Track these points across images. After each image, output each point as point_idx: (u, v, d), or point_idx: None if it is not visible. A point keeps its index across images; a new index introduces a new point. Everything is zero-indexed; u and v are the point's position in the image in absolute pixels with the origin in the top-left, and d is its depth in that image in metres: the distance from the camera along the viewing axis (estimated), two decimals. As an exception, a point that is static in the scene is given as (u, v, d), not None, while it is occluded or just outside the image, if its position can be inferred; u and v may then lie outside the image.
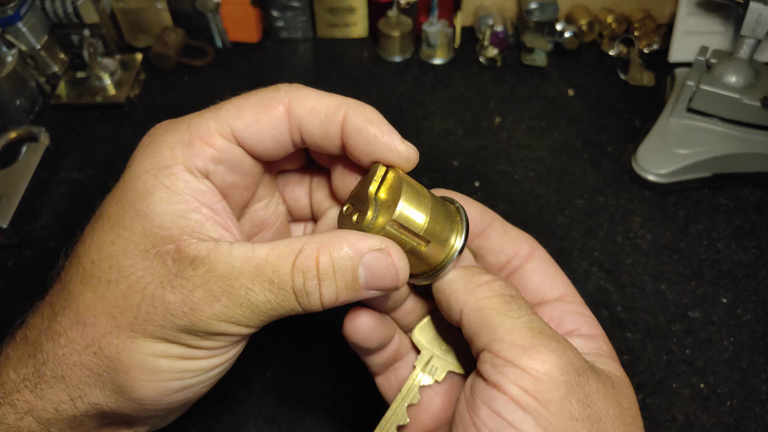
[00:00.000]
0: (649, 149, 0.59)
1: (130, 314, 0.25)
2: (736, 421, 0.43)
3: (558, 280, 0.33)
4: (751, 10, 0.57)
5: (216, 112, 0.27)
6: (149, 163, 0.26)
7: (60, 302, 0.26)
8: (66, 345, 0.25)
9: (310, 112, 0.27)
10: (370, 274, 0.26)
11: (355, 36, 0.76)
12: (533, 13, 0.68)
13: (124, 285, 0.25)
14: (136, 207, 0.25)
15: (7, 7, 0.63)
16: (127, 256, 0.25)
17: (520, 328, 0.26)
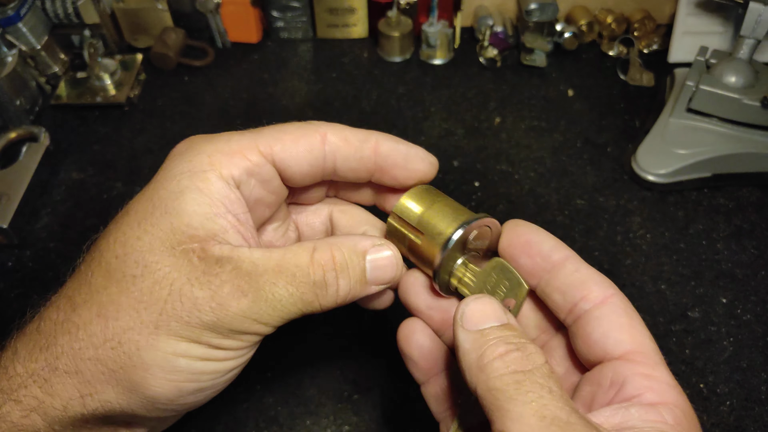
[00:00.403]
0: (649, 149, 0.59)
1: (156, 310, 0.25)
2: (736, 421, 0.43)
3: (628, 334, 0.27)
4: (751, 11, 0.57)
5: (257, 132, 0.29)
6: (185, 166, 0.27)
7: (80, 295, 0.26)
8: (84, 338, 0.25)
9: (344, 139, 0.29)
10: (374, 268, 0.28)
11: (355, 36, 0.76)
12: (533, 14, 0.68)
13: (150, 280, 0.25)
14: (167, 204, 0.26)
15: (7, 7, 0.63)
16: (153, 252, 0.25)
17: (528, 416, 0.22)
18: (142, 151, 0.62)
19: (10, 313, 0.49)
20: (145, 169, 0.60)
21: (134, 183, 0.59)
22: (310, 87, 0.70)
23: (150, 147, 0.63)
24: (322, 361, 0.46)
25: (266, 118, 0.65)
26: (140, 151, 0.62)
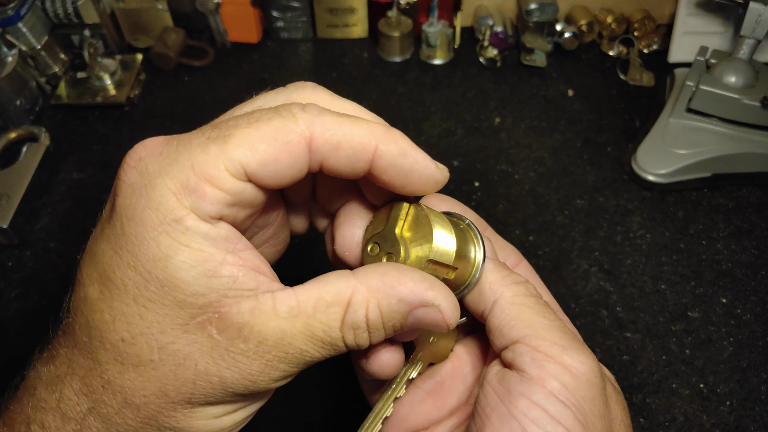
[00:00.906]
0: (649, 149, 0.59)
1: (186, 391, 0.24)
2: (736, 420, 0.43)
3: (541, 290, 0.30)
4: (751, 11, 0.57)
5: (223, 147, 0.23)
6: (154, 217, 0.23)
7: (94, 382, 0.24)
8: (121, 423, 0.24)
9: (335, 148, 0.24)
10: (418, 322, 0.25)
11: (355, 36, 0.76)
12: (533, 14, 0.68)
13: (172, 363, 0.23)
14: (158, 277, 0.23)
15: (7, 7, 0.63)
16: (165, 332, 0.23)
17: (557, 329, 0.26)
18: (142, 151, 0.62)
19: (10, 313, 0.50)
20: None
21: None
22: (310, 87, 0.70)
23: (150, 147, 0.63)
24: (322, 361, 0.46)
25: (266, 118, 0.65)
26: (140, 151, 0.62)
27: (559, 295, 0.50)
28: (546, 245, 0.54)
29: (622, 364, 0.46)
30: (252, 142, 0.23)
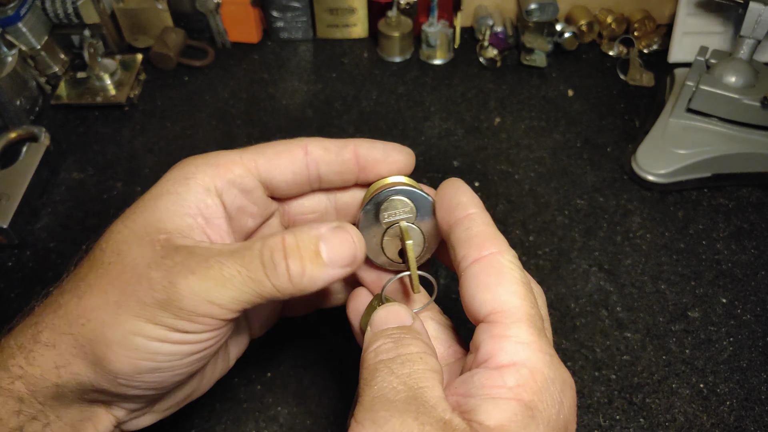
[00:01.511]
0: (649, 149, 0.59)
1: (120, 291, 0.27)
2: (736, 420, 0.43)
3: (492, 293, 0.28)
4: (751, 11, 0.57)
5: (243, 149, 0.32)
6: (173, 174, 0.30)
7: (68, 283, 0.29)
8: (63, 316, 0.28)
9: (324, 148, 0.32)
10: (331, 248, 0.28)
11: (355, 36, 0.76)
12: (533, 14, 0.68)
13: (120, 266, 0.28)
14: (146, 204, 0.29)
15: (7, 7, 0.63)
16: (127, 242, 0.28)
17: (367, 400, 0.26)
18: (142, 151, 0.62)
19: (11, 313, 0.49)
20: (145, 169, 0.60)
21: (134, 183, 0.59)
22: (310, 87, 0.70)
23: (150, 147, 0.63)
24: (322, 361, 0.46)
25: (266, 118, 0.66)
26: (140, 151, 0.62)
27: (559, 295, 0.50)
28: (546, 245, 0.54)
29: (622, 364, 0.46)
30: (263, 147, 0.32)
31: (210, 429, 0.43)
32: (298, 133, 0.64)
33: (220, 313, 0.27)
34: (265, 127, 0.65)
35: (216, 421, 0.43)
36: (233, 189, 0.31)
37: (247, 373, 0.46)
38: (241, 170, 0.31)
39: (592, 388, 0.44)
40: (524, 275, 0.28)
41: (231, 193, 0.31)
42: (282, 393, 0.45)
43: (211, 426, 0.43)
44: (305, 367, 0.46)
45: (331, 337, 0.48)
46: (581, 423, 0.43)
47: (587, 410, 0.43)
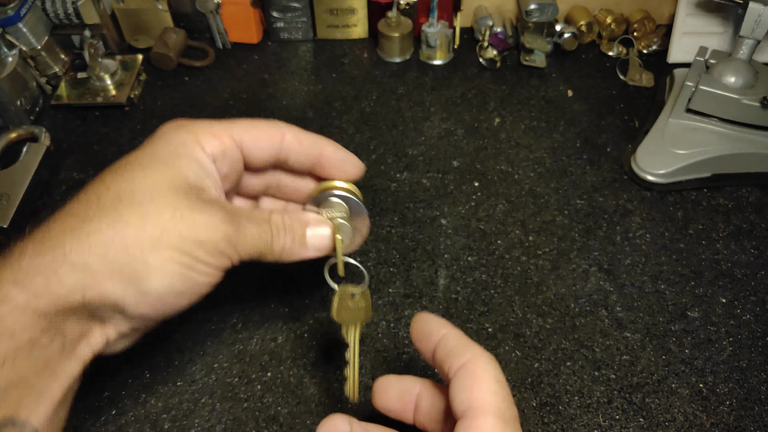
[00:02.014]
0: (648, 149, 0.59)
1: (160, 227, 0.32)
2: (736, 420, 0.43)
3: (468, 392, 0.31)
4: (751, 11, 0.57)
5: (231, 123, 0.37)
6: (179, 139, 0.35)
7: (90, 211, 0.32)
8: (94, 241, 0.31)
9: (298, 141, 0.39)
10: (313, 236, 0.39)
11: (355, 37, 0.76)
12: (532, 14, 0.69)
13: (156, 206, 0.32)
14: (167, 161, 0.34)
15: (7, 7, 0.63)
16: (159, 188, 0.33)
17: None
18: (143, 152, 0.62)
19: (11, 312, 0.50)
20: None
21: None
22: (311, 87, 0.70)
23: (150, 147, 0.63)
24: (322, 361, 0.46)
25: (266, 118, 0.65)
26: (140, 152, 0.62)
27: (559, 295, 0.50)
28: (545, 245, 0.54)
29: (622, 363, 0.46)
30: (249, 127, 0.37)
31: (210, 429, 0.43)
32: (298, 133, 0.64)
33: (235, 258, 0.35)
34: (265, 128, 0.65)
35: (216, 421, 0.43)
36: (224, 158, 0.36)
37: (247, 373, 0.46)
38: (231, 143, 0.37)
39: (591, 387, 0.44)
40: (499, 374, 0.30)
41: (222, 162, 0.36)
42: (282, 393, 0.45)
43: (211, 426, 0.43)
44: (305, 367, 0.46)
45: (331, 337, 0.48)
46: (581, 422, 0.43)
47: (587, 410, 0.43)
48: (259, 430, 0.43)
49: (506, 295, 0.50)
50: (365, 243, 0.53)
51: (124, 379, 0.45)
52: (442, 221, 0.56)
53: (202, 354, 0.47)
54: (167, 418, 0.43)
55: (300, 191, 0.42)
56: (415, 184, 0.59)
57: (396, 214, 0.56)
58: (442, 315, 0.48)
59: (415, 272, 0.52)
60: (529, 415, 0.43)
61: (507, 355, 0.46)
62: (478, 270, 0.52)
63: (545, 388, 0.45)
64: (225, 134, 0.36)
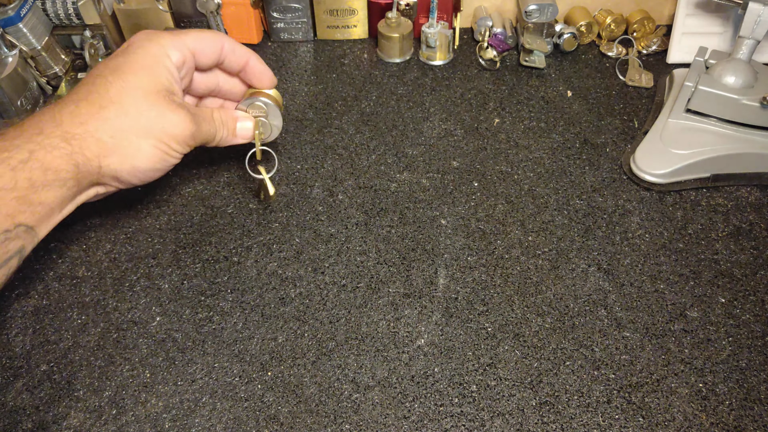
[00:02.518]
0: (648, 150, 0.59)
1: (149, 122, 0.44)
2: (735, 420, 0.43)
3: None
4: (750, 11, 0.57)
5: (185, 34, 0.48)
6: (153, 50, 0.45)
7: (106, 104, 0.43)
8: (111, 128, 0.43)
9: (233, 51, 0.51)
10: (240, 128, 0.53)
11: (355, 37, 0.76)
12: (532, 15, 0.69)
13: (145, 105, 0.44)
14: (149, 70, 0.45)
15: (7, 7, 0.63)
16: (146, 89, 0.44)
17: None
18: (143, 152, 0.62)
19: (10, 313, 0.50)
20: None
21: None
22: (311, 88, 0.70)
23: (150, 147, 0.63)
24: (322, 361, 0.46)
25: (266, 118, 0.66)
26: (141, 152, 0.62)
27: (558, 295, 0.50)
28: (545, 245, 0.54)
29: (621, 363, 0.46)
30: (200, 39, 0.49)
31: (210, 428, 0.43)
32: (299, 133, 0.64)
33: (193, 147, 0.48)
34: (265, 128, 0.65)
35: (216, 420, 0.43)
36: (184, 66, 0.48)
37: (248, 373, 0.46)
38: (189, 53, 0.47)
39: (591, 387, 0.45)
40: None
41: (182, 69, 0.48)
42: (282, 393, 0.45)
43: (211, 425, 0.43)
44: (305, 366, 0.46)
45: (331, 337, 0.48)
46: (580, 422, 0.43)
47: (586, 409, 0.43)
48: (259, 429, 0.43)
49: (506, 294, 0.50)
50: (364, 242, 0.53)
51: (124, 378, 0.45)
52: (442, 221, 0.56)
53: (202, 354, 0.47)
54: (168, 418, 0.43)
55: (233, 92, 0.55)
56: (415, 184, 0.59)
57: (396, 214, 0.56)
58: (442, 315, 0.49)
59: (415, 272, 0.52)
60: (528, 415, 0.43)
61: (506, 355, 0.46)
62: (477, 270, 0.52)
63: (545, 388, 0.45)
64: (184, 48, 0.47)
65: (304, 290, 0.51)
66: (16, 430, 0.43)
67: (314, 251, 0.53)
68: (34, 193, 0.39)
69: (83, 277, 0.52)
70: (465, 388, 0.45)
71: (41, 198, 0.40)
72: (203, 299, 0.50)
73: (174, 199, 0.58)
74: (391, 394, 0.44)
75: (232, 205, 0.57)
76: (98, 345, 0.47)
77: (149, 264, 0.53)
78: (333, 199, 0.58)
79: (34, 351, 0.47)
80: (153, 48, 0.45)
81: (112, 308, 0.50)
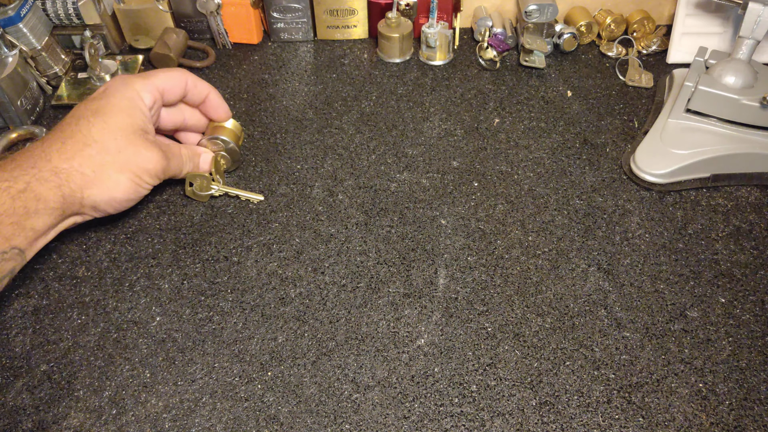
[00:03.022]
0: (648, 150, 0.59)
1: (126, 158, 0.49)
2: (735, 420, 0.43)
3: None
4: (750, 11, 0.57)
5: (154, 76, 0.53)
6: (128, 94, 0.51)
7: (88, 137, 0.48)
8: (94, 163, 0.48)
9: (194, 87, 0.56)
10: (202, 162, 0.58)
11: (355, 38, 0.76)
12: (532, 15, 0.69)
13: (124, 143, 0.49)
14: (126, 112, 0.50)
15: (7, 7, 0.63)
16: (124, 130, 0.49)
17: None
18: (143, 152, 0.63)
19: (10, 313, 0.50)
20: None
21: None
22: (311, 88, 0.70)
23: (150, 147, 0.63)
24: (322, 361, 0.46)
25: (267, 118, 0.66)
26: (141, 152, 0.63)
27: (558, 295, 0.50)
28: (545, 245, 0.54)
29: (621, 363, 0.46)
30: (167, 80, 0.54)
31: (210, 428, 0.43)
32: (299, 133, 0.64)
33: (162, 179, 0.53)
34: (266, 128, 0.65)
35: (216, 420, 0.43)
36: (154, 107, 0.53)
37: (248, 373, 0.46)
38: (158, 95, 0.53)
39: (591, 387, 0.45)
40: None
41: (153, 109, 0.53)
42: (282, 393, 0.45)
43: (211, 425, 0.43)
44: (305, 366, 0.46)
45: (331, 337, 0.48)
46: (580, 422, 0.43)
47: (586, 409, 0.43)
48: (259, 429, 0.43)
49: (506, 294, 0.50)
50: (364, 242, 0.53)
51: (124, 378, 0.45)
52: (442, 221, 0.56)
53: (202, 354, 0.47)
54: (168, 418, 0.43)
55: (198, 126, 0.60)
56: (415, 184, 0.59)
57: (396, 214, 0.56)
58: (441, 315, 0.49)
59: (415, 272, 0.52)
60: (528, 414, 0.43)
61: (506, 355, 0.46)
62: (477, 270, 0.52)
63: (544, 388, 0.45)
64: (154, 90, 0.52)
65: (304, 290, 0.51)
66: (16, 430, 0.43)
67: (314, 251, 0.53)
68: (27, 219, 0.44)
69: (83, 277, 0.52)
70: (465, 388, 0.45)
71: (32, 224, 0.45)
72: (203, 299, 0.50)
73: (174, 199, 0.58)
74: (391, 394, 0.44)
75: (232, 205, 0.57)
76: (98, 345, 0.47)
77: (149, 264, 0.53)
78: (333, 199, 0.58)
79: (34, 351, 0.47)
80: (128, 92, 0.50)
81: (112, 308, 0.50)
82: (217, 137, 0.58)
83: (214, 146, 0.59)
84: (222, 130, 0.59)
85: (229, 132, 0.59)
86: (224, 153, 0.59)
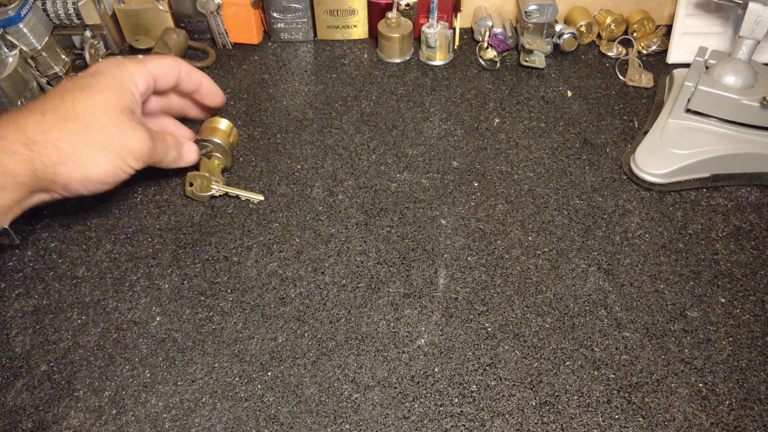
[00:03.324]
0: (648, 150, 0.59)
1: (109, 137, 0.46)
2: (735, 420, 0.43)
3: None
4: (750, 11, 0.57)
5: (149, 62, 0.52)
6: (120, 74, 0.49)
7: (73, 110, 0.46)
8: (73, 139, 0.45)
9: (188, 75, 0.55)
10: (186, 152, 0.56)
11: (355, 38, 0.76)
12: (532, 15, 0.69)
13: (108, 121, 0.46)
14: (115, 90, 0.48)
15: (8, 7, 0.63)
16: (110, 107, 0.47)
17: None
18: (143, 152, 0.63)
19: (11, 313, 0.50)
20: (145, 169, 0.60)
21: (135, 182, 0.59)
22: (311, 88, 0.70)
23: (150, 147, 0.63)
24: (322, 361, 0.46)
25: (267, 118, 0.66)
26: (141, 152, 0.63)
27: (558, 295, 0.50)
28: (545, 245, 0.54)
29: (621, 363, 0.46)
30: (161, 66, 0.53)
31: (210, 429, 0.43)
32: (300, 133, 0.64)
33: (146, 164, 0.50)
34: (266, 128, 0.65)
35: (216, 420, 0.43)
36: (147, 92, 0.51)
37: (247, 373, 0.46)
38: (151, 80, 0.51)
39: (591, 387, 0.45)
40: None
41: (145, 95, 0.51)
42: (282, 393, 0.45)
43: (211, 425, 0.43)
44: (305, 366, 0.46)
45: (331, 337, 0.48)
46: (580, 422, 0.43)
47: (586, 409, 0.43)
48: (259, 429, 0.43)
49: (506, 294, 0.50)
50: (364, 242, 0.53)
51: (124, 378, 0.45)
52: (442, 221, 0.56)
53: (202, 354, 0.47)
54: (168, 418, 0.43)
55: (183, 111, 0.60)
56: (415, 184, 0.59)
57: (396, 214, 0.56)
58: (441, 315, 0.49)
59: (415, 272, 0.52)
60: (528, 415, 0.43)
61: (506, 355, 0.46)
62: (477, 270, 0.52)
63: (544, 388, 0.45)
64: (148, 74, 0.51)
65: (304, 290, 0.51)
66: (16, 430, 0.43)
67: (314, 251, 0.53)
68: None
69: (83, 277, 0.52)
70: (465, 388, 0.45)
71: None
72: (203, 299, 0.50)
73: (174, 199, 0.58)
74: (391, 394, 0.44)
75: (232, 205, 0.57)
76: (98, 345, 0.47)
77: (149, 264, 0.53)
78: (333, 199, 0.58)
79: (34, 351, 0.47)
80: (120, 72, 0.49)
81: (112, 308, 0.50)
82: (209, 139, 0.58)
83: (204, 149, 0.58)
84: (211, 132, 0.59)
85: (220, 132, 0.59)
86: (218, 154, 0.58)
